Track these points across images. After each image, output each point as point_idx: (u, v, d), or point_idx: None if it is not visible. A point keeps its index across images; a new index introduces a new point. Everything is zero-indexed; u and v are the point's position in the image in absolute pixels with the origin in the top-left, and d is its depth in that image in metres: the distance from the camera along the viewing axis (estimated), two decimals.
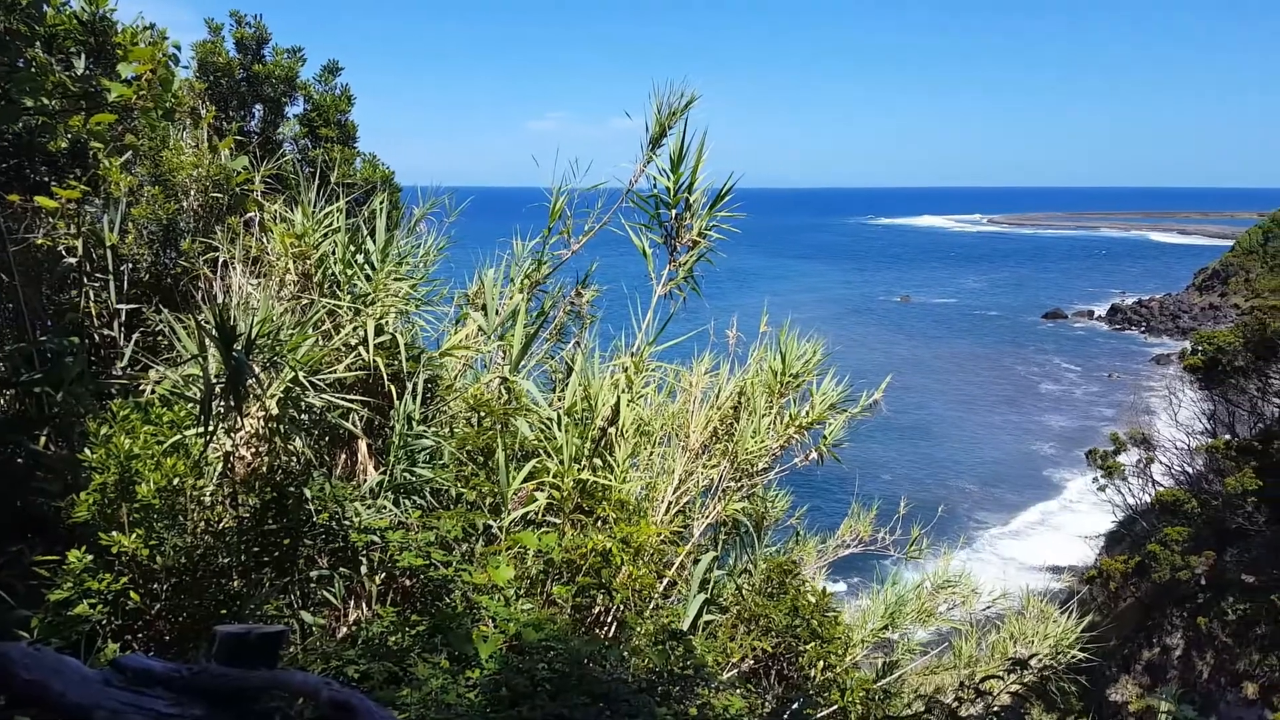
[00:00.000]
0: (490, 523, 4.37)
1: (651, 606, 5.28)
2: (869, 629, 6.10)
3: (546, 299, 6.26)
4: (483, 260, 6.16)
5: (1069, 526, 42.32)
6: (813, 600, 5.39)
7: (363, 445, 4.59)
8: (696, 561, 5.77)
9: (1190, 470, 27.45)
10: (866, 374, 7.03)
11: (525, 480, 4.63)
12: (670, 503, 5.97)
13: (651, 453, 6.24)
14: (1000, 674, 4.50)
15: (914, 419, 59.41)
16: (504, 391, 5.07)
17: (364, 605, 4.36)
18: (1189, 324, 74.86)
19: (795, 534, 6.86)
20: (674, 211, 4.98)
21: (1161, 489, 25.89)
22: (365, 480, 4.49)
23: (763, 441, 6.13)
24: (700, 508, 6.21)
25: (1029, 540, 42.68)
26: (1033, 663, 4.74)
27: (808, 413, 6.51)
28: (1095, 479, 27.98)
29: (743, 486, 6.33)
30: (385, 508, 4.29)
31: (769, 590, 5.97)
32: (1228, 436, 27.21)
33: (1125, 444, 28.39)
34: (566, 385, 5.56)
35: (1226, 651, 20.82)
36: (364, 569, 4.25)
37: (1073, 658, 6.26)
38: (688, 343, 6.31)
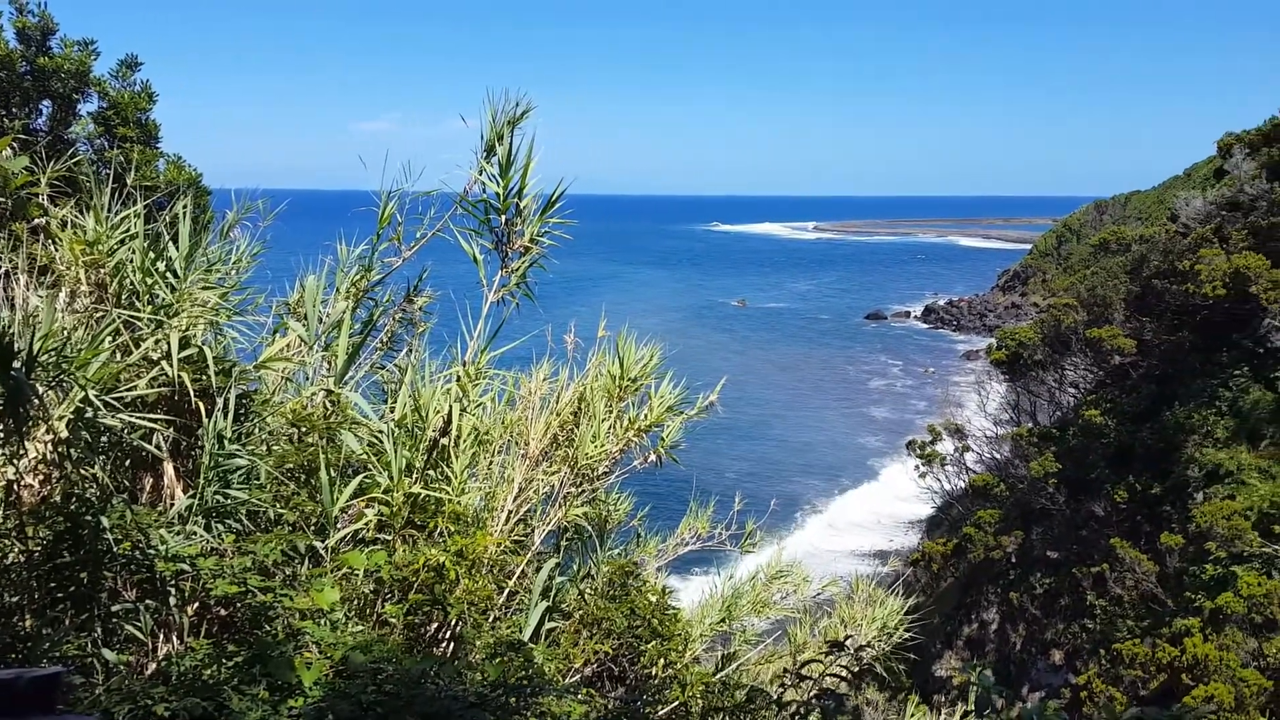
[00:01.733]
0: (315, 544, 4.16)
1: (492, 619, 5.18)
2: (708, 623, 6.25)
3: (376, 307, 6.04)
4: (306, 267, 5.87)
5: (896, 513, 45.13)
6: (653, 600, 5.45)
7: (169, 467, 4.25)
8: (539, 570, 5.71)
9: (999, 457, 29.90)
10: (706, 376, 7.20)
11: (354, 496, 4.43)
12: (510, 511, 5.88)
13: (491, 462, 6.14)
14: (819, 658, 4.71)
15: (754, 418, 61.61)
16: (329, 405, 4.84)
17: (175, 638, 4.04)
18: (994, 322, 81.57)
19: (636, 535, 6.94)
20: (504, 217, 4.91)
21: (974, 475, 28.06)
22: (173, 505, 4.17)
23: (602, 446, 6.14)
24: (541, 515, 6.16)
25: (860, 527, 45.14)
26: (854, 644, 4.98)
27: (646, 416, 6.58)
28: (917, 467, 29.95)
29: (584, 491, 6.33)
30: (196, 533, 3.99)
31: (611, 593, 5.99)
32: (1030, 424, 29.83)
33: (941, 434, 30.55)
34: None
35: (1036, 623, 22.74)
36: (173, 600, 3.94)
37: (899, 637, 6.61)
38: (529, 350, 6.26)
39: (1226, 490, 21.25)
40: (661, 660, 5.37)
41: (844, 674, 4.55)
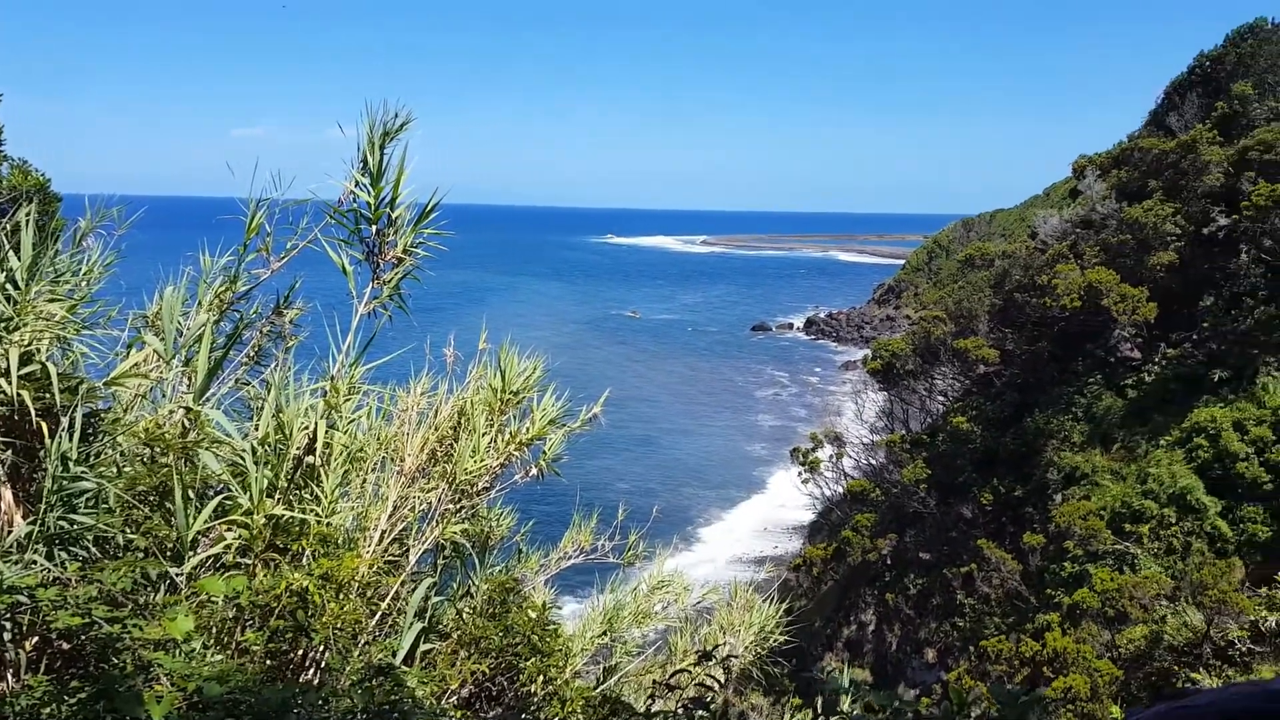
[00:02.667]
0: (170, 570, 3.94)
1: (363, 643, 5.02)
2: (589, 637, 6.24)
3: (241, 320, 5.78)
4: (166, 278, 5.57)
5: (782, 519, 46.25)
6: (533, 616, 5.40)
7: (6, 492, 3.95)
8: (414, 590, 5.58)
9: (874, 462, 31.07)
10: (598, 388, 7.22)
11: (213, 519, 4.22)
12: (384, 531, 5.73)
13: (365, 480, 5.96)
14: (689, 668, 4.78)
15: (645, 428, 62.10)
16: (187, 423, 4.60)
17: (10, 676, 3.75)
18: (871, 333, 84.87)
19: (518, 551, 6.87)
20: (375, 227, 4.80)
21: (852, 480, 29.08)
22: (10, 532, 3.87)
23: (482, 461, 6.06)
24: (418, 533, 6.02)
25: (748, 535, 46.04)
26: (723, 652, 5.07)
27: (528, 429, 6.53)
28: (799, 474, 30.80)
29: (463, 508, 6.22)
30: (36, 562, 3.72)
31: (491, 611, 5.91)
32: (903, 431, 31.15)
33: (822, 442, 31.53)
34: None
35: (910, 623, 23.69)
36: (8, 635, 3.66)
37: (776, 642, 6.75)
38: (408, 364, 6.12)
39: (1082, 491, 22.74)
40: (541, 677, 5.33)
41: (713, 683, 4.62)
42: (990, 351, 27.18)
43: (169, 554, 4.13)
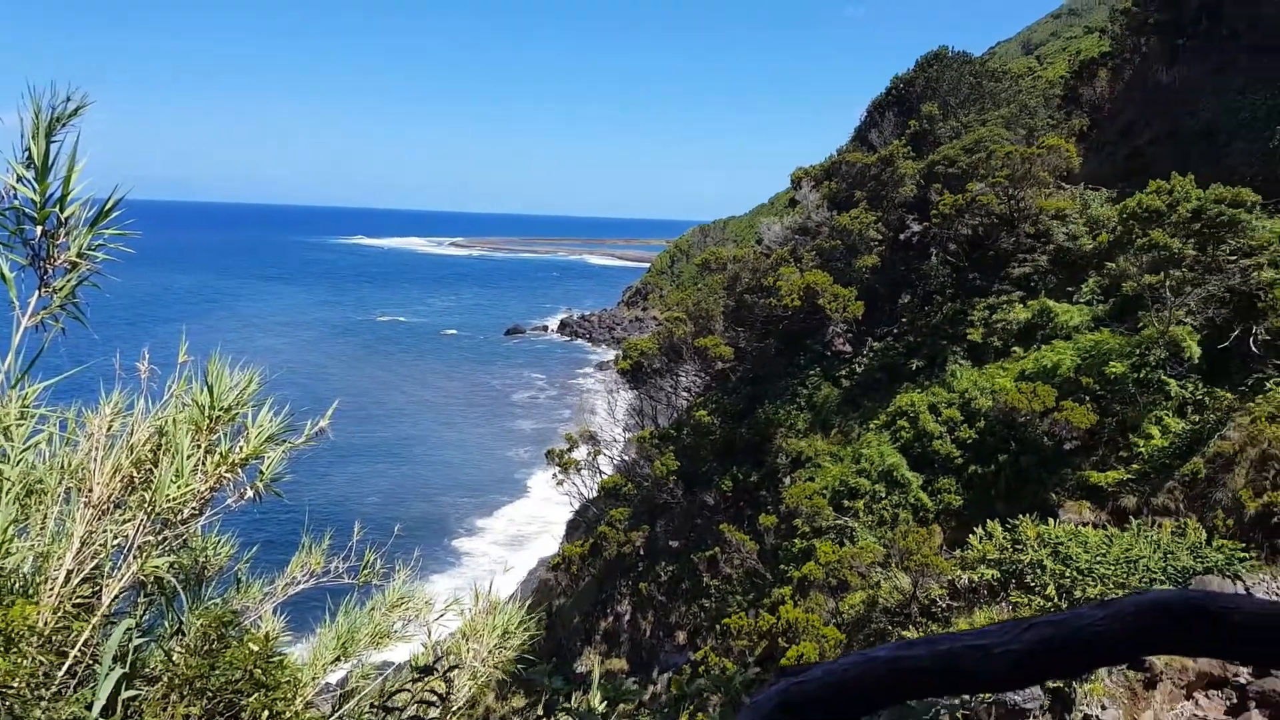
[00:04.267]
0: None
1: (49, 697, 4.40)
2: (320, 665, 5.88)
3: None
4: None
5: (544, 521, 46.49)
6: (254, 649, 5.00)
7: None
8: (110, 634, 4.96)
9: (627, 459, 32.11)
10: (339, 397, 6.80)
11: None
12: (71, 571, 5.06)
13: (47, 515, 5.23)
14: (408, 686, 4.66)
15: (398, 438, 59.93)
16: None
17: None
18: (622, 334, 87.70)
19: (237, 580, 6.33)
20: (42, 228, 4.20)
21: (606, 477, 29.86)
22: None
23: (187, 486, 5.52)
24: (114, 570, 5.37)
25: (508, 538, 45.83)
26: (444, 665, 4.99)
27: (242, 448, 6.03)
28: (555, 475, 31.12)
29: (167, 539, 5.63)
30: None
31: (206, 648, 5.40)
32: (652, 427, 32.45)
33: (577, 442, 32.08)
34: None
35: (662, 609, 24.68)
36: None
37: (521, 642, 6.73)
38: (97, 381, 5.43)
39: (808, 474, 24.86)
40: (266, 713, 4.95)
41: (433, 697, 4.53)
42: (726, 349, 28.97)
43: None
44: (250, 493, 5.93)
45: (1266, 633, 1.16)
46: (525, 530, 46.83)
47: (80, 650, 4.93)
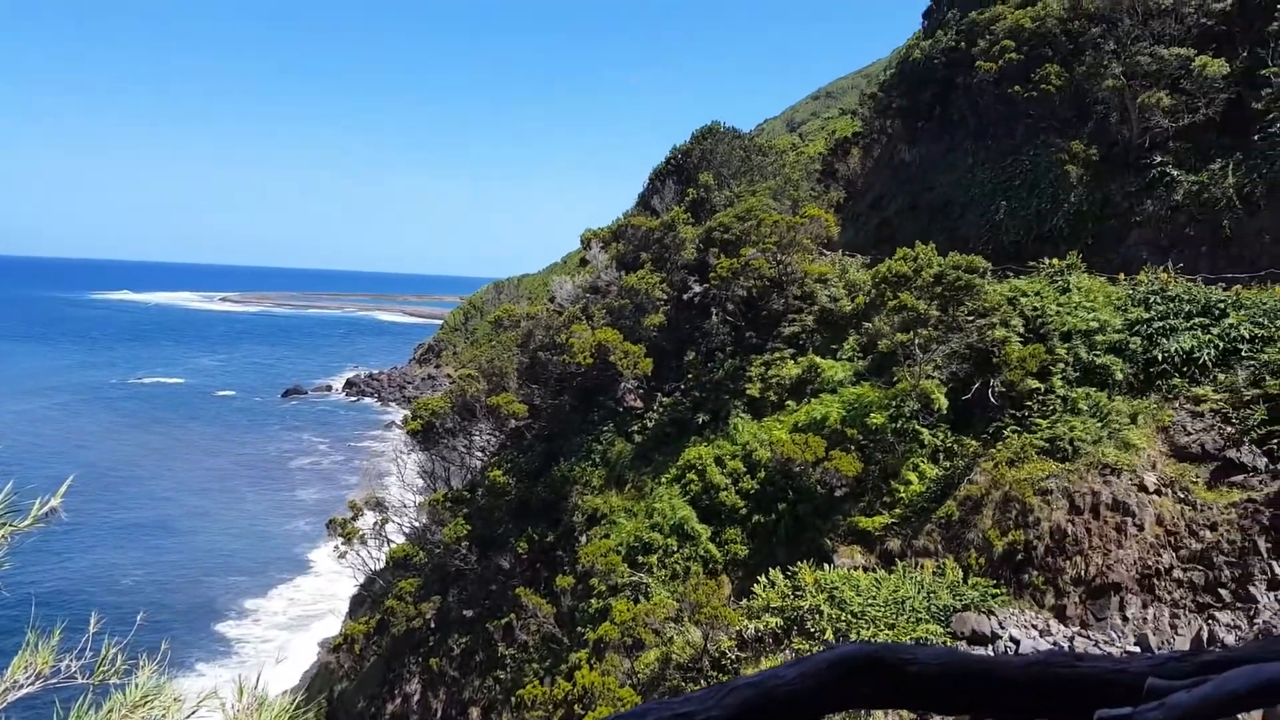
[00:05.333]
0: None
1: None
2: None
3: None
4: None
5: (327, 597, 43.49)
6: None
7: None
8: None
9: (418, 525, 30.88)
10: (84, 470, 5.98)
11: None
12: None
13: None
14: None
15: (158, 514, 54.28)
16: None
17: None
18: (413, 393, 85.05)
19: None
20: None
21: (394, 546, 28.51)
22: None
23: None
24: None
25: (287, 619, 42.41)
26: None
27: None
28: (336, 547, 29.33)
29: None
30: None
31: None
32: (445, 489, 31.47)
33: (363, 509, 30.47)
34: None
35: (455, 684, 23.66)
36: None
37: None
38: None
39: (603, 531, 24.99)
40: None
41: None
42: (520, 406, 28.79)
43: None
44: None
45: (940, 681, 1.24)
46: (308, 610, 43.57)
47: None
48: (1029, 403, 20.95)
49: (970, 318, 22.14)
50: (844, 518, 21.39)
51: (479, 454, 33.83)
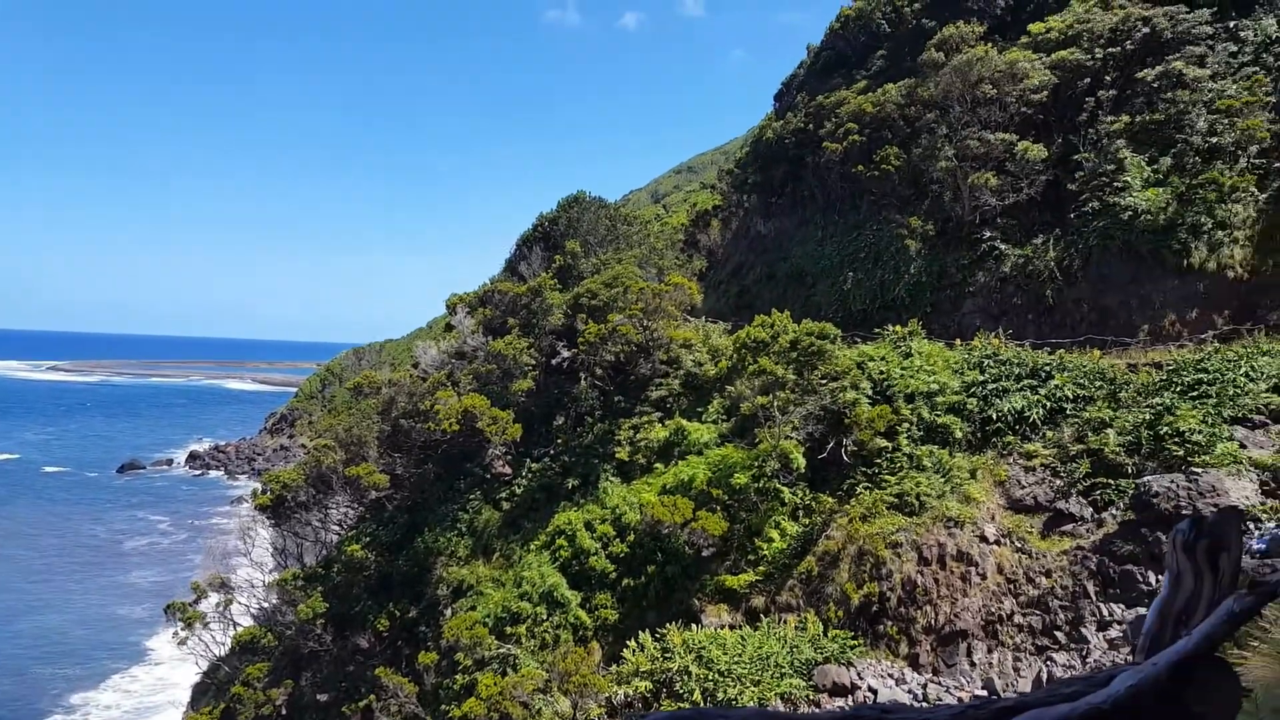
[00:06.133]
0: None
1: None
2: None
3: None
4: None
5: (163, 688, 39.96)
6: None
7: None
8: None
9: (267, 605, 29.06)
10: None
11: None
12: None
13: None
14: None
15: None
16: None
17: None
18: (264, 465, 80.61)
19: None
20: None
21: (241, 629, 26.67)
22: None
23: None
24: None
25: (126, 715, 38.67)
26: None
27: None
28: (176, 632, 27.20)
29: None
30: None
31: None
32: (297, 567, 29.84)
33: (205, 591, 28.45)
34: None
35: None
36: None
37: None
38: None
39: (470, 602, 24.28)
40: None
41: None
42: (381, 477, 27.87)
43: None
44: None
45: None
46: (145, 702, 39.89)
47: None
48: (879, 460, 22.09)
49: (823, 381, 23.27)
50: (711, 577, 21.71)
51: (335, 528, 32.37)
